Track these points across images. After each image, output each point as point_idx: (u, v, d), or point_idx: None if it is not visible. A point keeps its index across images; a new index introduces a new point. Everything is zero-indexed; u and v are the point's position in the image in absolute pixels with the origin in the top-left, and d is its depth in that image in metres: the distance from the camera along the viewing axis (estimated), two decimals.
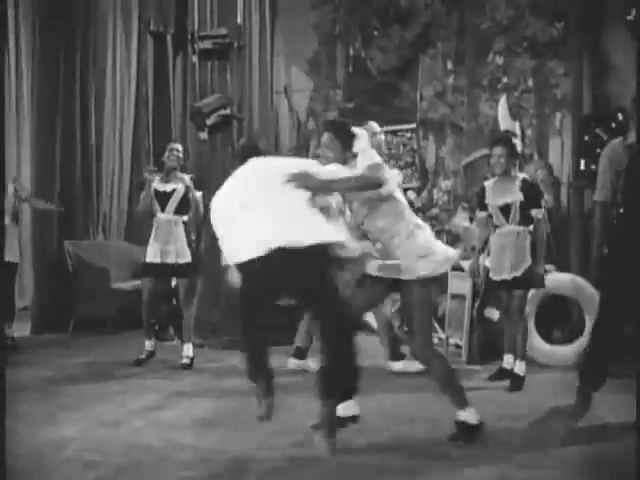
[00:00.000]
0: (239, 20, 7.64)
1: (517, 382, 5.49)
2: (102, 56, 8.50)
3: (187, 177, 6.46)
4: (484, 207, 5.73)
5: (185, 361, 6.29)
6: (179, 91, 8.41)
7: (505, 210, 5.57)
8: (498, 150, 5.57)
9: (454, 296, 6.95)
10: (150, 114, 8.48)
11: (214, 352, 7.01)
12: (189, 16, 8.01)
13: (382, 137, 6.15)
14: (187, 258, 6.31)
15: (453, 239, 8.05)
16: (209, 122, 7.33)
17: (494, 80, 8.55)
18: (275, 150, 8.99)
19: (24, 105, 10.32)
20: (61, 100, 8.23)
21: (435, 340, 7.38)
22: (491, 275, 5.67)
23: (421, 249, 4.00)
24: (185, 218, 6.40)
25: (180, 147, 6.56)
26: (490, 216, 5.69)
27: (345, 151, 4.09)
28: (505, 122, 7.73)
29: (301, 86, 9.40)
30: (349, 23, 9.06)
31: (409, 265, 3.98)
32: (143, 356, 6.38)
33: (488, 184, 5.74)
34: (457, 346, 6.84)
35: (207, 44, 7.63)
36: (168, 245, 6.28)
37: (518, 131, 7.56)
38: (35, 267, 8.25)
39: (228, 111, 7.53)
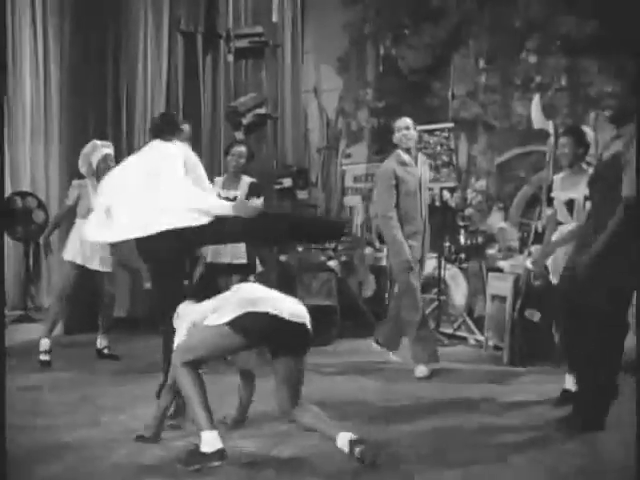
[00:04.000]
0: (274, 18, 7.58)
1: None
2: (133, 54, 8.44)
3: (249, 181, 6.23)
4: (550, 202, 5.51)
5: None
6: (209, 90, 8.32)
7: (570, 206, 5.26)
8: (563, 140, 5.33)
9: (494, 297, 6.87)
10: (181, 113, 8.40)
11: None
12: (221, 15, 7.95)
13: (414, 133, 6.03)
14: (243, 259, 6.24)
15: (487, 239, 7.96)
16: (245, 121, 7.27)
17: (527, 79, 8.46)
18: (304, 150, 8.93)
19: (52, 105, 10.31)
20: (92, 98, 8.22)
21: (472, 342, 7.36)
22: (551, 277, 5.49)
23: None
24: None
25: (244, 149, 6.23)
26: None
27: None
28: (538, 121, 7.64)
29: (331, 85, 9.33)
30: (379, 22, 8.98)
31: None
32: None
33: (557, 177, 5.48)
34: (496, 348, 6.76)
35: (243, 43, 7.59)
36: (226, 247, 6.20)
37: (552, 130, 7.45)
38: None
39: (263, 110, 7.48)
